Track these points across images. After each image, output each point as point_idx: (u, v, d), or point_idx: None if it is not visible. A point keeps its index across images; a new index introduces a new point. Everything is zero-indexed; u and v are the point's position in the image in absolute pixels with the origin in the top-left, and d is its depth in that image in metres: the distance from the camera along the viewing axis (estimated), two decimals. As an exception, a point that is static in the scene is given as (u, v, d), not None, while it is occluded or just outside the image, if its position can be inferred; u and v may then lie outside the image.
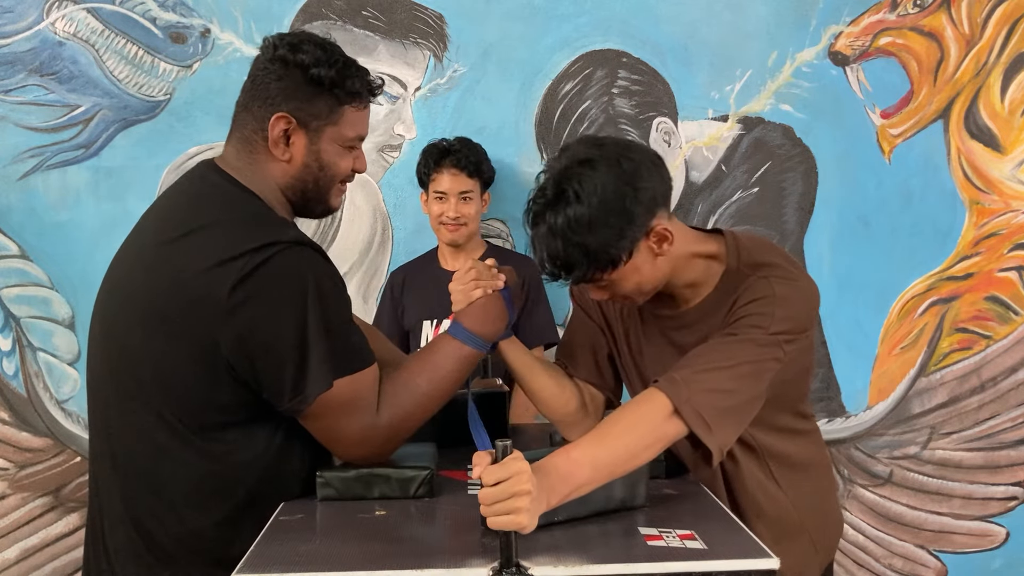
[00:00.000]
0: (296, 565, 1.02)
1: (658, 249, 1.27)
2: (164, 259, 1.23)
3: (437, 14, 2.43)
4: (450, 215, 2.26)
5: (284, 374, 1.20)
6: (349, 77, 1.31)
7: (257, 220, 1.25)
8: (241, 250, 1.18)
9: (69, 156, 2.39)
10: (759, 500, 1.37)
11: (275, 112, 1.28)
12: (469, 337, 1.34)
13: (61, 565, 2.42)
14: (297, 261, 1.21)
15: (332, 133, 1.32)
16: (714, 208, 2.50)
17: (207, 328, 1.19)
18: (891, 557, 2.56)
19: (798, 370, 1.37)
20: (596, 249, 1.22)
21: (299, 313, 1.19)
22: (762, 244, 1.39)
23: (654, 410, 1.16)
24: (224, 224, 1.23)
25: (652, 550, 1.06)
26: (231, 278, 1.17)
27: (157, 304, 1.22)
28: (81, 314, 2.41)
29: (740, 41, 2.46)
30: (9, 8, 2.35)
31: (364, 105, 1.36)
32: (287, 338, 1.19)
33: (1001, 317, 2.51)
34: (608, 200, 1.21)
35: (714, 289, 1.34)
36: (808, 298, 1.32)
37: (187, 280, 1.19)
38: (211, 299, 1.18)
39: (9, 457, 2.41)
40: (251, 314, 1.18)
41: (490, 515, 0.97)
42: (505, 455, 0.99)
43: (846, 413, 2.54)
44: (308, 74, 1.28)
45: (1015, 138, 2.47)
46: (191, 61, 2.40)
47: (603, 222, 1.21)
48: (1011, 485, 2.54)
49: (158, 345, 1.22)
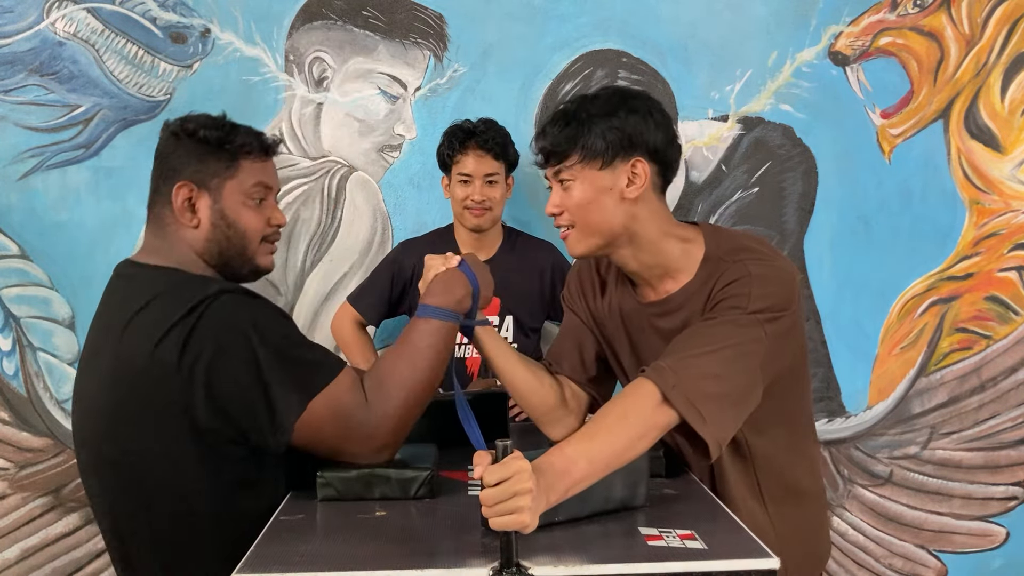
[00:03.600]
0: (296, 565, 1.02)
1: (627, 189, 1.32)
2: (118, 362, 1.26)
3: (437, 14, 2.43)
4: (475, 198, 2.19)
5: (258, 414, 1.22)
6: (239, 133, 1.37)
7: (180, 287, 1.28)
8: (173, 319, 1.22)
9: (69, 156, 2.39)
10: (739, 512, 1.34)
11: (176, 182, 1.34)
12: (434, 311, 1.35)
13: (61, 565, 2.42)
14: (227, 308, 1.24)
15: (232, 187, 1.35)
16: (714, 208, 2.50)
17: (178, 407, 1.21)
18: (891, 557, 2.56)
19: (790, 363, 1.36)
20: (589, 130, 1.31)
21: (247, 354, 1.22)
22: (738, 232, 1.43)
23: (643, 399, 1.16)
24: (151, 305, 1.26)
25: (652, 550, 1.06)
26: (174, 349, 1.20)
27: (126, 413, 1.25)
28: (81, 314, 2.41)
29: (740, 41, 2.46)
30: (9, 8, 2.35)
31: (261, 158, 1.39)
32: (246, 381, 1.21)
33: (1001, 317, 2.51)
34: (625, 112, 1.32)
35: (695, 276, 1.35)
36: (784, 277, 1.32)
37: (142, 372, 1.22)
38: (167, 375, 1.21)
39: (9, 457, 2.41)
40: (205, 371, 1.21)
41: (492, 515, 0.97)
42: (505, 454, 0.99)
43: (846, 413, 2.54)
44: (198, 137, 1.35)
45: (1015, 138, 2.48)
46: (191, 61, 2.39)
47: (611, 119, 1.31)
48: (1011, 485, 2.54)
49: (150, 446, 1.25)
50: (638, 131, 1.32)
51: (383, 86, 2.44)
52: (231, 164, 1.35)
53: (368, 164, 2.46)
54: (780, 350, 1.28)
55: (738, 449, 1.38)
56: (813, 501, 1.50)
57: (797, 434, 1.45)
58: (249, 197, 1.37)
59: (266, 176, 1.39)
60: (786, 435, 1.42)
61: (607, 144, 1.31)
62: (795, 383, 1.41)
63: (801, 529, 1.44)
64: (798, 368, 1.41)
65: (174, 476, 1.26)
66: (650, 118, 1.33)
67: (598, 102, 1.34)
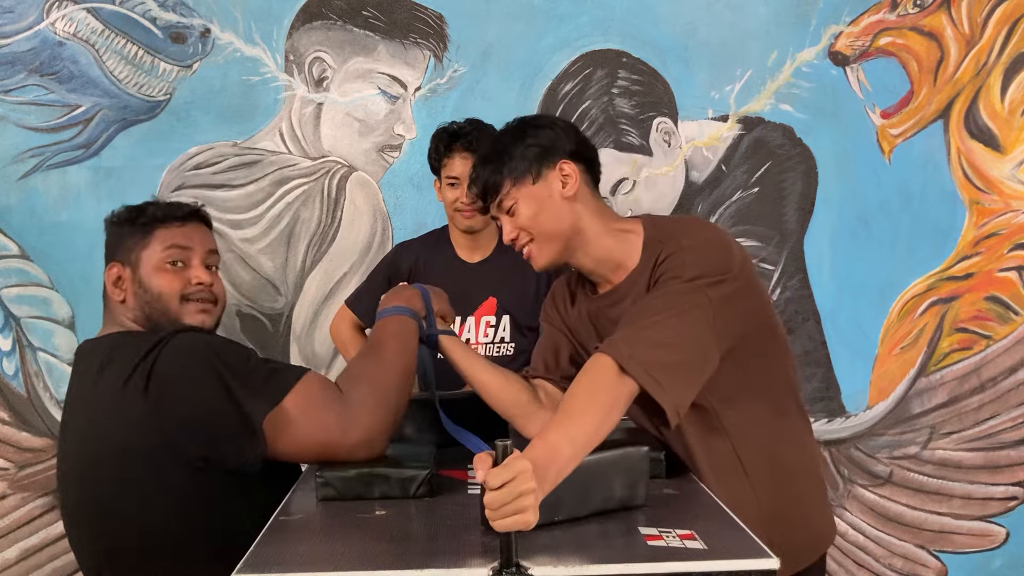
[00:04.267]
0: (296, 565, 1.02)
1: (563, 190, 1.42)
2: (92, 415, 1.33)
3: (437, 14, 2.43)
4: (465, 200, 2.17)
5: (231, 424, 1.25)
6: (151, 207, 1.49)
7: (135, 338, 1.38)
8: (134, 362, 1.28)
9: (69, 156, 2.39)
10: (719, 489, 1.35)
11: (107, 264, 1.48)
12: (385, 311, 1.46)
13: (61, 565, 2.42)
14: (184, 341, 1.32)
15: (147, 256, 1.45)
16: (714, 208, 2.50)
17: (155, 448, 1.26)
18: (891, 557, 2.56)
19: (753, 327, 1.37)
20: (508, 156, 1.43)
21: (212, 374, 1.26)
22: (672, 217, 1.53)
23: (604, 373, 1.19)
24: (112, 358, 1.34)
25: (652, 550, 1.06)
26: (140, 382, 1.26)
27: (106, 463, 1.30)
28: (81, 314, 2.41)
29: (740, 41, 2.46)
30: (9, 8, 2.35)
31: (176, 224, 1.48)
32: (214, 398, 1.25)
33: (1001, 317, 2.51)
34: (534, 129, 1.46)
35: (639, 263, 1.41)
36: (717, 243, 1.37)
37: (112, 413, 1.28)
38: (137, 409, 1.25)
39: (9, 457, 2.41)
40: (171, 397, 1.25)
41: (498, 518, 0.97)
42: (506, 455, 0.99)
43: (846, 413, 2.54)
44: (118, 221, 1.49)
45: (1015, 138, 2.48)
46: (191, 61, 2.40)
47: (523, 141, 1.44)
48: (1011, 485, 2.54)
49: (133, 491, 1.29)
50: (550, 140, 1.44)
51: (383, 86, 2.44)
52: (145, 236, 1.46)
53: (368, 164, 2.46)
54: (730, 314, 1.30)
55: (709, 421, 1.40)
56: (804, 478, 1.50)
57: (778, 408, 1.46)
58: (164, 262, 1.45)
59: (182, 239, 1.48)
60: (765, 409, 1.43)
61: (529, 160, 1.43)
62: (760, 352, 1.42)
63: (793, 507, 1.45)
64: (761, 337, 1.41)
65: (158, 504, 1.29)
66: (556, 127, 1.46)
67: (507, 135, 1.47)
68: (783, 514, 1.40)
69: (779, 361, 1.48)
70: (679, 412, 1.21)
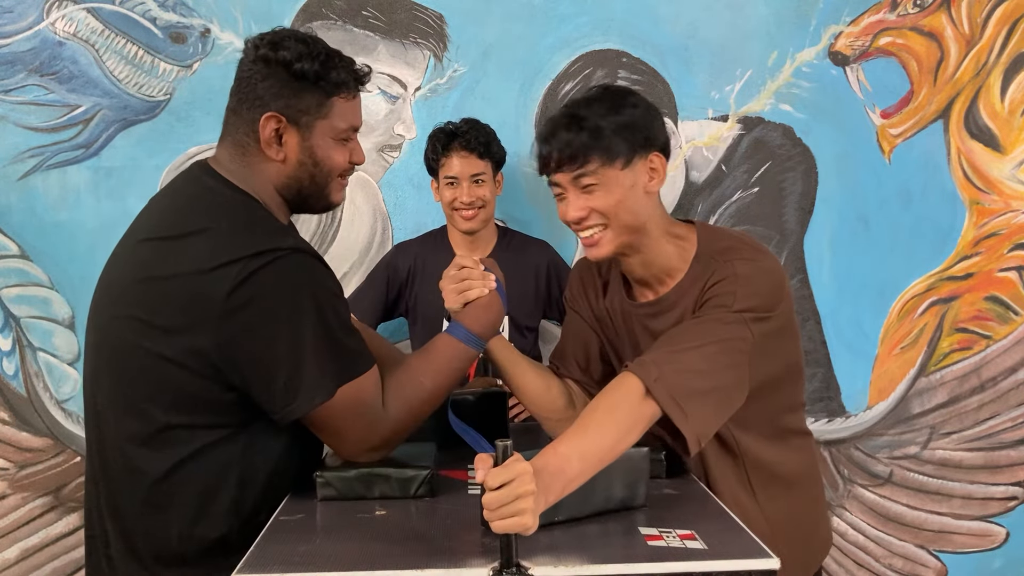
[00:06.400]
0: (296, 565, 1.02)
1: (648, 182, 1.33)
2: (160, 259, 1.23)
3: (437, 14, 2.43)
4: (464, 199, 2.17)
5: (275, 384, 1.19)
6: (334, 68, 1.30)
7: (256, 225, 1.25)
8: (240, 255, 1.17)
9: (69, 156, 2.39)
10: (727, 503, 1.34)
11: (264, 113, 1.28)
12: (470, 338, 1.35)
13: (61, 565, 2.43)
14: (295, 269, 1.20)
15: (323, 127, 1.31)
16: (714, 208, 2.50)
17: (200, 329, 1.18)
18: (891, 557, 2.56)
19: (783, 366, 1.36)
20: (605, 133, 1.29)
21: (295, 323, 1.19)
22: (727, 231, 1.44)
23: (628, 393, 1.17)
24: (223, 228, 1.22)
25: (652, 550, 1.06)
26: (229, 282, 1.16)
27: (150, 302, 1.21)
28: (81, 314, 2.40)
29: (740, 41, 2.46)
30: (9, 8, 2.35)
31: (353, 95, 1.35)
32: (279, 348, 1.19)
33: (1001, 317, 2.51)
34: (632, 109, 1.33)
35: (686, 275, 1.36)
36: (771, 276, 1.32)
37: (183, 281, 1.19)
38: (207, 302, 1.17)
39: (9, 457, 2.41)
40: (246, 320, 1.17)
41: (495, 519, 0.97)
42: (506, 456, 0.99)
43: (846, 413, 2.54)
44: (292, 70, 1.27)
45: (1015, 138, 2.48)
46: (191, 61, 2.39)
47: (622, 118, 1.31)
48: (1011, 485, 2.54)
49: (148, 343, 1.21)
50: (647, 125, 1.33)
51: (383, 86, 2.44)
52: (324, 103, 1.30)
53: (368, 164, 2.46)
54: (769, 352, 1.29)
55: (725, 444, 1.39)
56: (805, 489, 1.50)
57: (786, 428, 1.45)
58: (338, 138, 1.33)
59: (355, 117, 1.36)
60: (775, 430, 1.42)
61: (628, 144, 1.31)
62: (786, 388, 1.41)
63: (794, 516, 1.45)
64: (790, 375, 1.41)
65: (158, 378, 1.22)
66: (652, 112, 1.36)
67: (601, 104, 1.33)
68: (786, 531, 1.40)
69: (797, 391, 1.47)
70: (700, 441, 1.19)
